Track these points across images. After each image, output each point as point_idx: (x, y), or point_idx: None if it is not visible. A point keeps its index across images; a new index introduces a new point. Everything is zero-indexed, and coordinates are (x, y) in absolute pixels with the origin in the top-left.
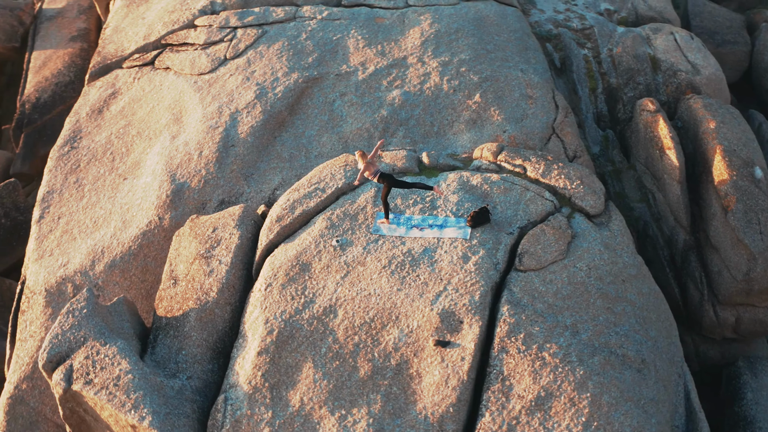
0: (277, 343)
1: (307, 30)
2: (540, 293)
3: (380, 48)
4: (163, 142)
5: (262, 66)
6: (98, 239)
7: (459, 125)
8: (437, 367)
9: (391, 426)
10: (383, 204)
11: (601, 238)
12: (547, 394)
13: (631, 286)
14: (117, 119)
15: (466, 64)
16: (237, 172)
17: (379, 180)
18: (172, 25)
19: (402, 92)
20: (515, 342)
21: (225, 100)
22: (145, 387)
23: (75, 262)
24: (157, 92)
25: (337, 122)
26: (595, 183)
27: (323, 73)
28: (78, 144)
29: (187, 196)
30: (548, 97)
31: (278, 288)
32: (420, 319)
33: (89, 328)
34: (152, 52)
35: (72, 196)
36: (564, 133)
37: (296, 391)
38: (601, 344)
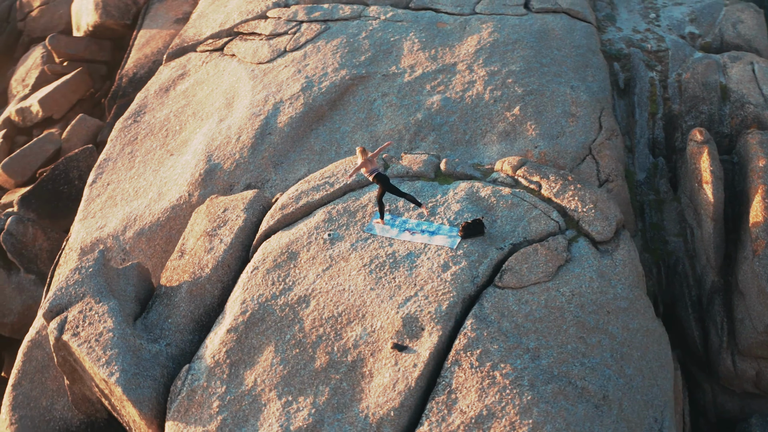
0: (247, 324)
1: (368, 29)
2: (511, 312)
3: (433, 52)
4: (210, 124)
5: (315, 60)
6: (134, 207)
7: (491, 136)
8: (389, 370)
9: (330, 419)
10: (378, 204)
11: (598, 265)
12: (489, 413)
13: (616, 319)
14: (179, 99)
15: (515, 75)
16: (267, 160)
17: (374, 179)
18: (247, 14)
19: (442, 98)
20: (470, 357)
21: (273, 90)
22: (122, 346)
23: (110, 226)
24: (219, 77)
25: (372, 121)
26: (610, 209)
27: (371, 72)
28: (141, 118)
29: (218, 177)
30: (593, 116)
31: (263, 272)
32: (384, 320)
33: (90, 286)
34: (224, 38)
35: (123, 166)
36: (601, 155)
37: (252, 372)
38: (560, 373)
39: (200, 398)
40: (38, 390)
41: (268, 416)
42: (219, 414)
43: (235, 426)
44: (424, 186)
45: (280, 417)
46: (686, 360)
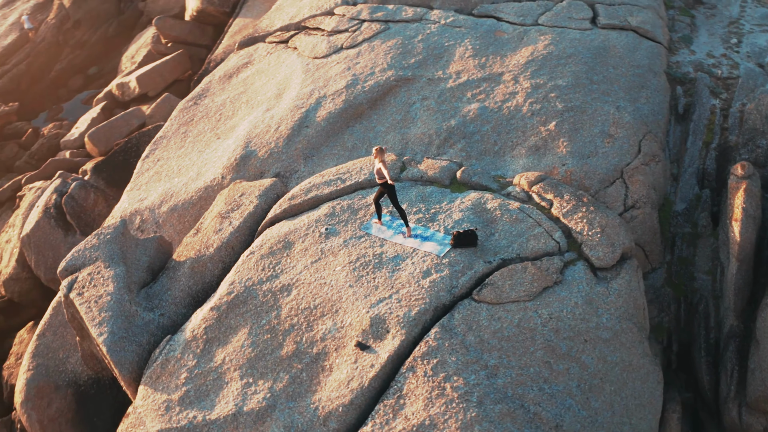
0: (230, 305)
1: (425, 32)
2: (479, 326)
3: (483, 61)
4: (258, 112)
5: (366, 59)
6: (174, 184)
7: (521, 149)
8: (348, 367)
9: (283, 406)
10: (375, 205)
11: (588, 292)
12: (432, 424)
13: (593, 349)
14: (238, 86)
15: (559, 90)
16: (300, 151)
17: (381, 183)
18: (316, 10)
19: (480, 106)
20: (425, 365)
21: (320, 85)
22: (116, 310)
23: (150, 199)
24: (277, 68)
25: (407, 123)
26: (618, 235)
27: (417, 75)
28: (200, 101)
29: (251, 163)
30: (633, 139)
31: (257, 257)
32: (354, 318)
33: (104, 251)
34: (292, 32)
35: (175, 144)
36: (632, 180)
37: (224, 350)
38: (515, 394)
39: (172, 368)
40: (58, 342)
41: (226, 394)
42: (184, 385)
43: (195, 399)
44: (434, 192)
45: (237, 396)
46: (697, 405)
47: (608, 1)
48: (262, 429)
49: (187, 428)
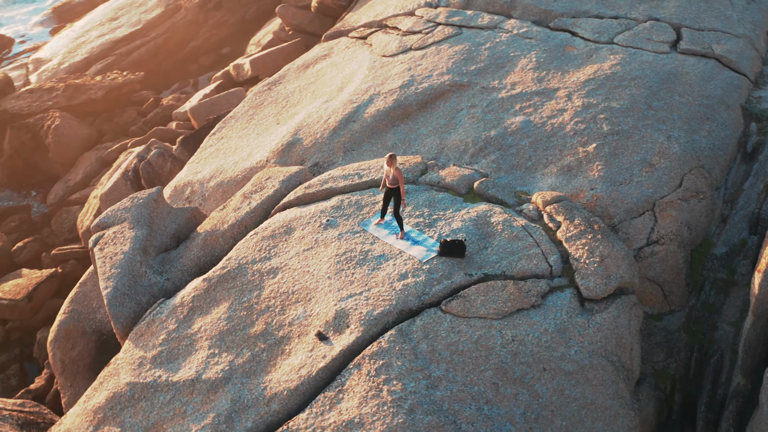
0: (220, 279)
1: (495, 41)
2: (436, 336)
3: (543, 74)
4: (317, 102)
5: (429, 62)
6: (226, 162)
7: (553, 168)
8: (303, 354)
9: (237, 381)
10: (397, 218)
11: (564, 321)
12: (360, 422)
13: (550, 380)
14: (311, 76)
15: (610, 112)
16: (341, 144)
17: (390, 187)
18: (400, 9)
19: (524, 120)
20: (371, 365)
21: (378, 82)
22: (125, 268)
23: (203, 173)
24: (349, 63)
25: (448, 129)
26: (618, 268)
27: (473, 82)
28: (274, 87)
29: (295, 150)
30: (675, 172)
31: (259, 238)
32: (322, 308)
33: (132, 213)
34: (373, 28)
35: (240, 125)
36: (664, 214)
37: (203, 320)
38: (450, 409)
39: (155, 329)
40: (94, 292)
41: (192, 360)
42: (160, 346)
43: (165, 360)
44: (445, 199)
45: (200, 364)
46: None
47: (697, 25)
48: (213, 398)
49: (151, 385)
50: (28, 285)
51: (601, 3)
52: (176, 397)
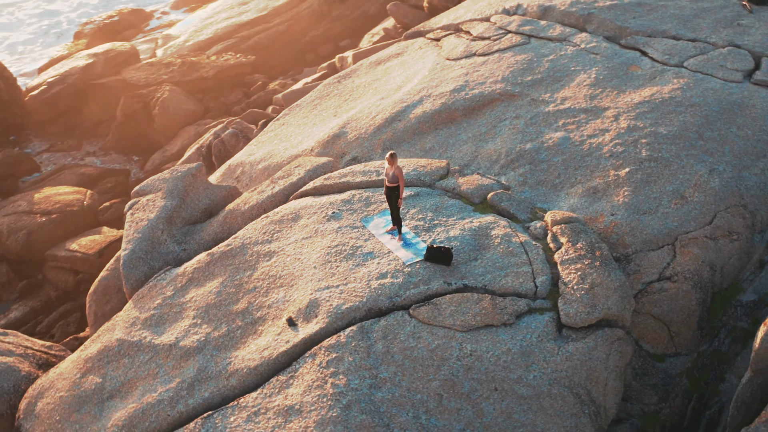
0: (223, 255)
1: (559, 53)
2: (394, 339)
3: (597, 92)
4: (373, 99)
5: (487, 69)
6: (277, 147)
7: (579, 188)
8: (271, 336)
9: (207, 352)
10: (388, 205)
11: (531, 344)
12: (299, 409)
13: (499, 400)
14: (379, 73)
15: (654, 137)
16: (382, 142)
17: (389, 185)
18: (477, 14)
19: (564, 137)
20: (325, 356)
21: (432, 84)
22: (146, 234)
23: (255, 156)
24: (415, 63)
25: (487, 138)
26: (606, 299)
27: (524, 93)
28: (343, 81)
29: (338, 143)
30: (708, 207)
31: (268, 222)
32: (300, 296)
33: (168, 184)
34: (450, 31)
35: (302, 114)
36: (684, 251)
37: (196, 291)
38: (386, 412)
39: (154, 293)
40: None
41: (175, 327)
42: (154, 309)
43: (154, 324)
44: (454, 206)
45: (180, 332)
46: None
47: None
48: (183, 365)
49: (136, 344)
50: (102, 242)
51: (682, 24)
52: (153, 359)
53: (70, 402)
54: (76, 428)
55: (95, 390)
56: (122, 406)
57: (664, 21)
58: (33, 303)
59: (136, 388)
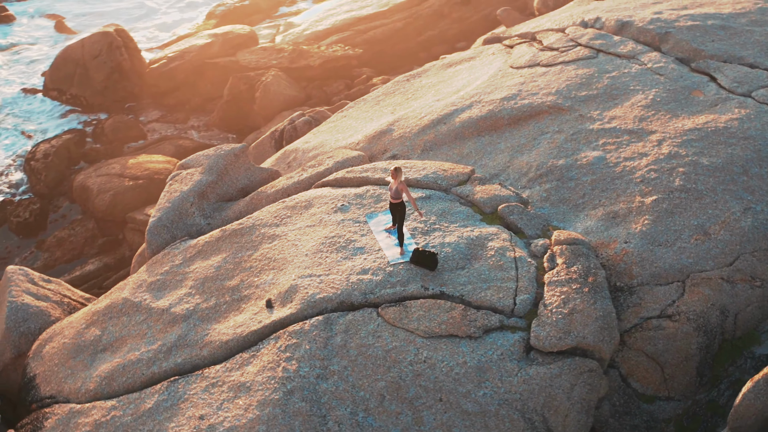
0: (233, 232)
1: (623, 71)
2: (354, 334)
3: (649, 114)
4: (428, 100)
5: (545, 79)
6: (331, 138)
7: (600, 211)
8: (248, 315)
9: (193, 321)
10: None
11: (491, 361)
12: (248, 386)
13: (443, 412)
14: (446, 75)
15: (693, 167)
16: (423, 143)
17: (393, 201)
18: (555, 24)
19: (599, 156)
20: (286, 341)
21: (486, 91)
22: (176, 204)
23: (309, 144)
24: (482, 68)
25: (523, 150)
26: (584, 327)
27: (573, 108)
28: (412, 80)
29: (382, 139)
30: (732, 248)
31: (282, 207)
32: (284, 280)
33: (210, 161)
34: (524, 39)
35: (364, 108)
36: (694, 290)
37: (200, 263)
38: (326, 404)
39: (165, 260)
40: None
41: (172, 294)
42: (160, 275)
43: (156, 288)
44: (461, 213)
45: (175, 300)
46: None
47: None
48: (168, 330)
49: (136, 305)
50: None
51: (764, 52)
52: (146, 321)
53: (70, 349)
54: (68, 373)
55: (93, 341)
56: (110, 359)
57: (745, 47)
58: (108, 259)
59: (125, 344)
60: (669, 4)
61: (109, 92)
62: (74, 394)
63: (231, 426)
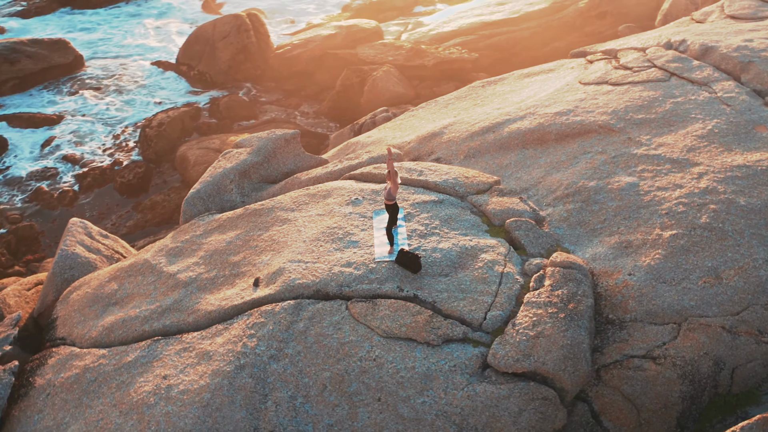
0: (253, 212)
1: (689, 97)
2: (317, 323)
3: (700, 145)
4: (490, 108)
5: (605, 99)
6: (388, 134)
7: (614, 239)
8: (236, 290)
9: (190, 289)
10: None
11: (441, 371)
12: (210, 357)
13: (378, 411)
14: (520, 85)
15: (727, 205)
16: (467, 149)
17: (386, 202)
18: (640, 43)
19: (632, 182)
20: (255, 319)
21: (545, 104)
22: (217, 179)
23: (371, 138)
24: (555, 81)
25: (560, 167)
26: (547, 353)
27: (624, 130)
28: (487, 86)
29: (432, 141)
30: (742, 296)
31: (304, 193)
32: (277, 262)
33: (260, 143)
34: (606, 56)
35: (433, 109)
36: (689, 335)
37: (216, 237)
38: (270, 383)
39: (189, 230)
40: None
41: (183, 262)
42: (180, 243)
43: (173, 254)
44: (466, 221)
45: (183, 267)
46: None
47: None
48: (169, 293)
49: (151, 266)
50: None
51: None
52: (154, 282)
53: (89, 299)
54: (81, 319)
55: (108, 294)
56: (116, 312)
57: None
58: None
59: (132, 301)
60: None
61: (232, 72)
62: (79, 339)
63: (184, 389)
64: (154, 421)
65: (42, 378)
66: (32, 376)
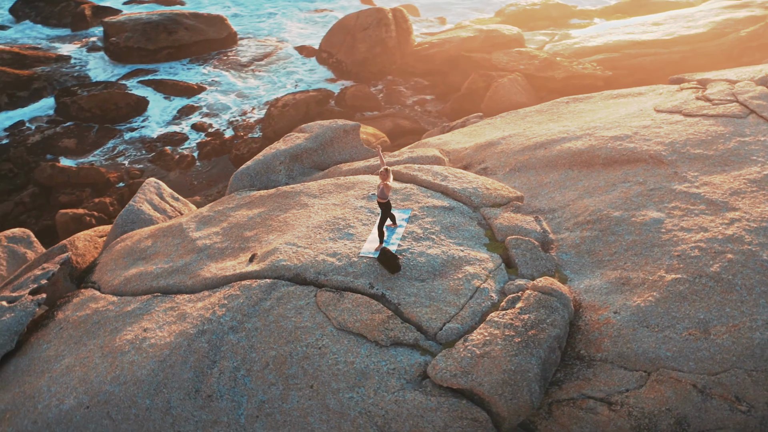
0: (282, 193)
1: (759, 138)
2: (283, 305)
3: (748, 189)
4: (563, 123)
5: (670, 128)
6: (453, 138)
7: (615, 273)
8: (234, 263)
9: (200, 255)
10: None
11: (378, 372)
12: (183, 318)
13: (307, 398)
14: (601, 105)
15: (746, 257)
16: (515, 162)
17: (380, 200)
18: (736, 76)
19: (657, 218)
20: (233, 290)
21: (606, 126)
22: (267, 159)
23: (440, 140)
24: (632, 105)
25: (594, 192)
26: (486, 375)
27: (674, 163)
28: (571, 103)
29: (485, 151)
30: (726, 357)
31: (332, 183)
32: (276, 242)
33: (320, 131)
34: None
35: (507, 119)
36: (655, 386)
37: (242, 212)
38: (223, 353)
39: (226, 201)
40: None
41: (207, 230)
42: (212, 212)
43: (202, 222)
44: (470, 232)
45: (204, 234)
46: None
47: None
48: (183, 256)
49: (182, 230)
50: None
51: None
52: (178, 245)
53: (125, 251)
54: (112, 267)
55: (141, 249)
56: (139, 266)
57: None
58: None
59: (155, 258)
60: None
61: (367, 64)
62: (104, 284)
63: (153, 343)
64: (120, 366)
65: (63, 313)
66: (57, 311)
